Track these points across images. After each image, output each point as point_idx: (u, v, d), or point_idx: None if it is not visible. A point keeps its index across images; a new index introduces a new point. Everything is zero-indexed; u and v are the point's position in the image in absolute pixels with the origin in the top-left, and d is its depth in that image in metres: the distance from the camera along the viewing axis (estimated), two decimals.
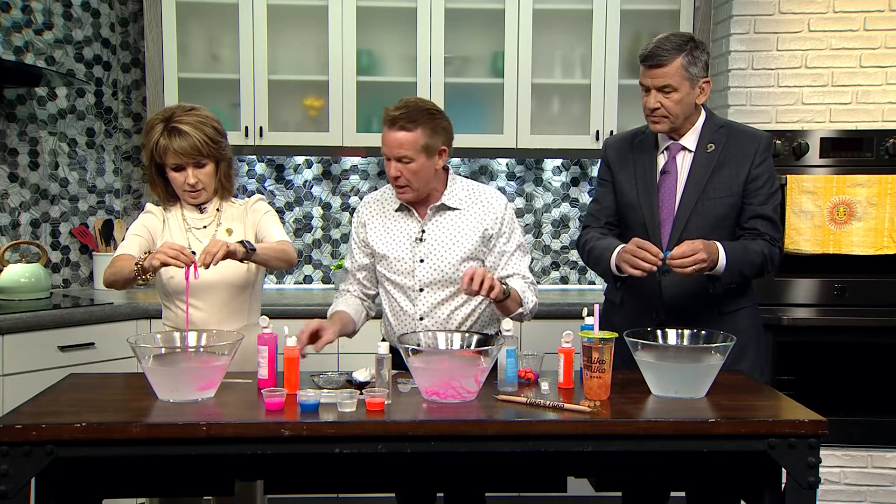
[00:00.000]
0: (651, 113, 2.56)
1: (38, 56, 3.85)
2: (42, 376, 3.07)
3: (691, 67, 2.51)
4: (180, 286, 2.52)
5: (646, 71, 2.53)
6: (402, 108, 2.50)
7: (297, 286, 4.21)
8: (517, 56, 3.80)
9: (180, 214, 2.63)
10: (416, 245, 2.60)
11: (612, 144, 2.78)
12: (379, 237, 2.65)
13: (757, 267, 2.55)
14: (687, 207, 2.58)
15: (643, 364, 2.25)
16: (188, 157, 2.49)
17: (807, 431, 2.03)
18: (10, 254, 3.75)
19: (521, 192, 4.22)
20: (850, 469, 3.56)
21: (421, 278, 2.59)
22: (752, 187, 2.57)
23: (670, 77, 2.50)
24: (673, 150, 2.63)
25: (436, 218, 2.62)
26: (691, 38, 2.55)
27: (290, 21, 3.85)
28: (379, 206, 2.70)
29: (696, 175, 2.58)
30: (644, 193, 2.61)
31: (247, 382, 2.33)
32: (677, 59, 2.49)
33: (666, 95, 2.51)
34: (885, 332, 3.51)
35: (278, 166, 4.17)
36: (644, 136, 2.70)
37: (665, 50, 2.49)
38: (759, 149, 2.58)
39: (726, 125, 2.65)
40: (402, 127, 2.48)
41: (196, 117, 2.52)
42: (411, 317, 2.61)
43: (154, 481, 2.24)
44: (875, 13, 3.49)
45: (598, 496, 2.67)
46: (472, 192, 2.65)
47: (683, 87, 2.51)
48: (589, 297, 3.88)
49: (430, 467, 2.29)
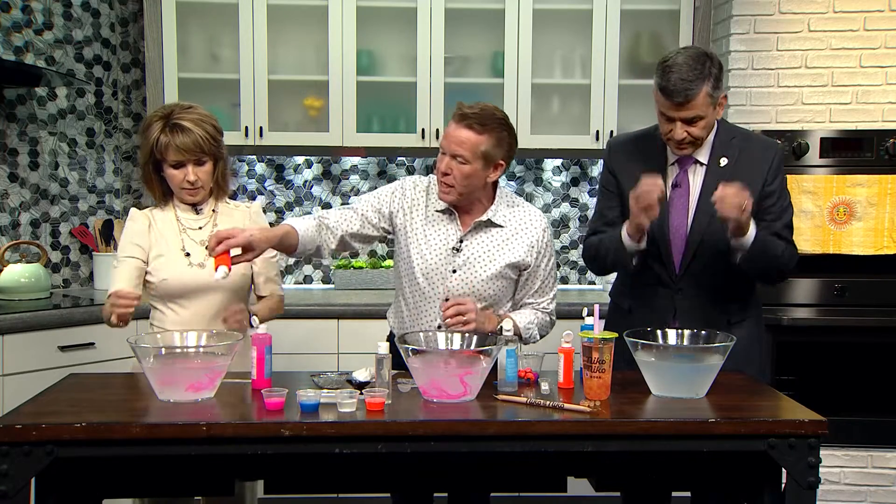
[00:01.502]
0: (678, 143, 2.46)
1: (38, 56, 3.85)
2: (42, 376, 3.06)
3: (715, 92, 2.40)
4: (174, 288, 2.52)
5: (672, 106, 2.39)
6: (478, 108, 2.44)
7: (297, 286, 4.21)
8: (517, 56, 3.80)
9: (174, 215, 2.60)
10: (453, 254, 2.54)
11: (616, 150, 2.67)
12: (417, 228, 2.56)
13: (777, 258, 2.48)
14: (700, 223, 2.51)
15: (643, 364, 2.25)
16: (190, 153, 2.48)
17: (807, 431, 2.03)
18: (10, 254, 3.75)
19: (521, 192, 4.22)
20: (850, 469, 3.56)
21: (450, 288, 2.54)
22: (766, 204, 2.51)
23: (698, 108, 2.39)
24: (685, 163, 2.55)
25: (477, 231, 2.55)
26: (706, 56, 2.42)
27: (290, 21, 3.85)
28: (425, 196, 2.59)
29: (710, 191, 2.45)
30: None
31: (246, 382, 2.33)
32: (703, 88, 2.37)
33: (693, 125, 2.42)
34: (885, 332, 3.52)
35: (278, 166, 4.17)
36: (649, 140, 2.61)
37: (690, 82, 2.36)
38: (772, 165, 2.53)
39: (737, 135, 2.57)
40: (470, 126, 2.42)
41: (196, 115, 2.51)
42: (429, 325, 2.57)
43: (154, 481, 2.24)
44: (875, 13, 3.49)
45: (598, 496, 2.67)
46: (516, 213, 2.58)
47: (709, 113, 2.42)
48: (589, 297, 3.88)
49: (430, 467, 2.29)
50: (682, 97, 2.37)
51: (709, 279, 2.54)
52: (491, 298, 2.56)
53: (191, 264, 2.54)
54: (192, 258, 2.55)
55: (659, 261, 2.55)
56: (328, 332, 3.49)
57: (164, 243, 2.56)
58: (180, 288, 2.53)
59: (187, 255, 2.55)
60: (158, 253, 2.55)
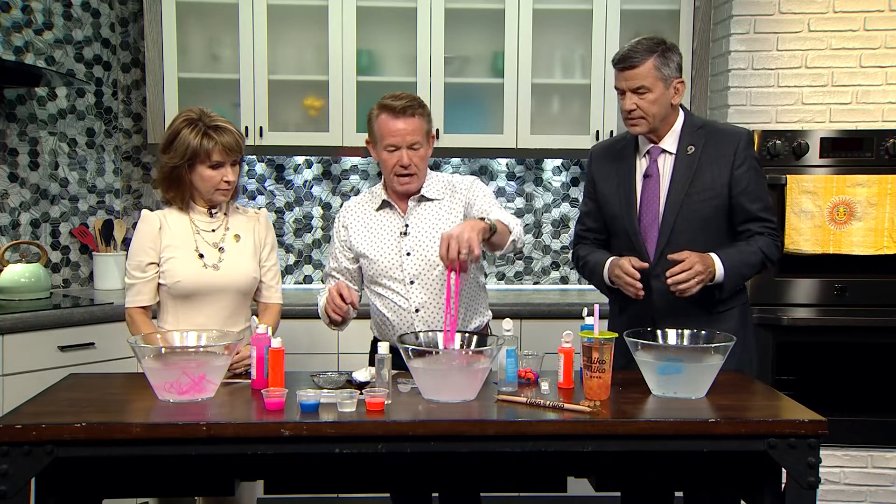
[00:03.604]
0: (629, 115, 2.59)
1: (38, 56, 3.85)
2: (42, 376, 3.06)
3: (663, 68, 2.54)
4: (187, 290, 2.54)
5: (619, 74, 2.57)
6: (404, 97, 2.58)
7: (297, 286, 4.21)
8: (517, 56, 3.80)
9: (188, 217, 2.61)
10: (401, 239, 2.63)
11: (595, 156, 2.81)
12: (362, 237, 2.68)
13: (756, 266, 2.58)
14: (672, 211, 2.59)
15: (643, 364, 2.25)
16: (233, 152, 2.54)
17: (807, 431, 2.03)
18: (10, 254, 3.75)
19: (521, 192, 4.22)
20: (850, 469, 3.56)
21: (410, 271, 2.61)
22: (738, 190, 2.58)
23: (643, 78, 2.53)
24: (654, 154, 2.64)
25: (417, 211, 2.66)
26: (662, 41, 2.58)
27: (290, 21, 3.85)
28: (359, 208, 2.74)
29: (679, 177, 2.59)
30: (625, 202, 2.64)
31: (246, 383, 2.34)
32: (649, 59, 2.52)
33: (641, 96, 2.54)
34: (885, 332, 3.52)
35: (278, 166, 4.17)
36: (625, 143, 2.72)
37: (636, 52, 2.53)
38: (738, 149, 2.59)
39: (705, 125, 2.66)
40: (412, 114, 2.56)
41: (221, 118, 2.58)
42: (407, 311, 2.62)
43: (154, 481, 2.24)
44: (875, 13, 3.49)
45: (598, 496, 2.67)
46: (448, 183, 2.71)
47: (657, 88, 2.54)
48: (589, 297, 3.87)
49: (429, 467, 2.29)
50: (625, 63, 2.54)
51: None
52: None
53: (205, 265, 2.56)
54: (206, 259, 2.57)
55: (632, 250, 2.61)
56: (328, 332, 3.48)
57: (176, 244, 2.57)
58: (193, 290, 2.55)
59: (201, 256, 2.57)
60: (170, 255, 2.56)
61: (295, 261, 4.21)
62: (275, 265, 2.72)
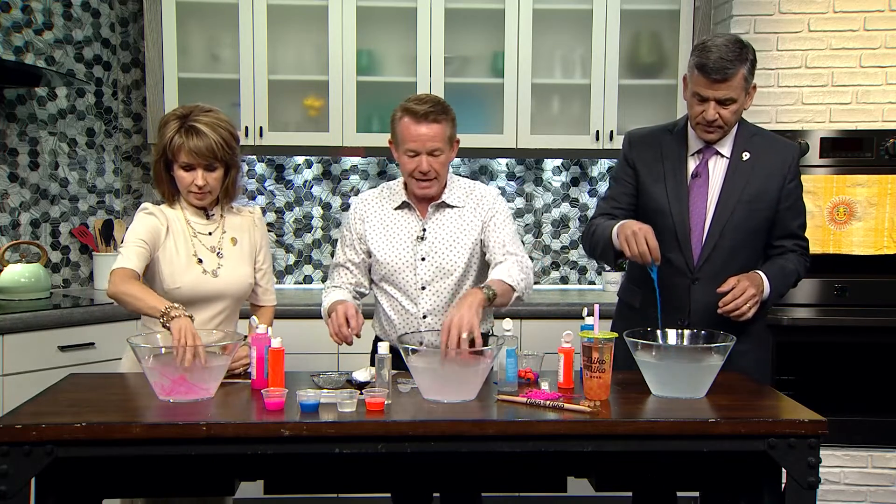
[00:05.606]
0: (708, 125, 2.48)
1: (38, 56, 3.85)
2: (42, 376, 3.06)
3: (750, 77, 2.45)
4: (186, 297, 2.45)
5: (708, 83, 2.42)
6: (428, 101, 2.54)
7: (296, 286, 4.21)
8: (517, 56, 3.80)
9: (183, 218, 2.54)
10: (418, 244, 2.60)
11: (637, 143, 2.68)
12: (378, 234, 2.64)
13: (791, 285, 2.61)
14: (721, 216, 2.52)
15: (643, 364, 2.25)
16: (202, 157, 2.42)
17: (807, 431, 2.03)
18: (10, 254, 3.75)
19: (521, 192, 4.22)
20: (850, 469, 3.56)
21: (423, 276, 2.59)
22: (786, 204, 2.55)
23: (734, 90, 2.42)
24: (706, 155, 2.56)
25: (436, 216, 2.63)
26: (746, 45, 2.45)
27: (290, 21, 3.85)
28: (378, 203, 2.69)
29: (733, 183, 2.51)
30: (675, 199, 2.55)
31: (246, 383, 2.34)
32: (741, 70, 2.41)
33: (725, 107, 2.44)
34: (885, 332, 3.51)
35: (278, 166, 4.17)
36: (672, 136, 2.62)
37: (730, 62, 2.38)
38: (793, 162, 2.56)
39: (758, 133, 2.61)
40: (435, 119, 2.51)
41: (213, 119, 2.45)
42: (414, 315, 2.61)
43: (154, 481, 2.24)
44: (875, 13, 3.49)
45: (598, 496, 2.67)
46: (470, 191, 2.67)
47: (741, 98, 2.46)
48: (589, 297, 3.88)
49: (430, 467, 2.29)
50: (720, 75, 2.40)
51: (726, 270, 2.52)
52: (460, 270, 2.60)
53: (204, 271, 2.51)
54: (206, 265, 2.52)
55: (678, 249, 2.55)
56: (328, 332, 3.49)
57: (176, 246, 2.50)
58: (191, 296, 2.48)
59: (199, 261, 2.52)
60: (169, 257, 2.48)
61: (295, 261, 4.21)
62: (269, 267, 2.68)
